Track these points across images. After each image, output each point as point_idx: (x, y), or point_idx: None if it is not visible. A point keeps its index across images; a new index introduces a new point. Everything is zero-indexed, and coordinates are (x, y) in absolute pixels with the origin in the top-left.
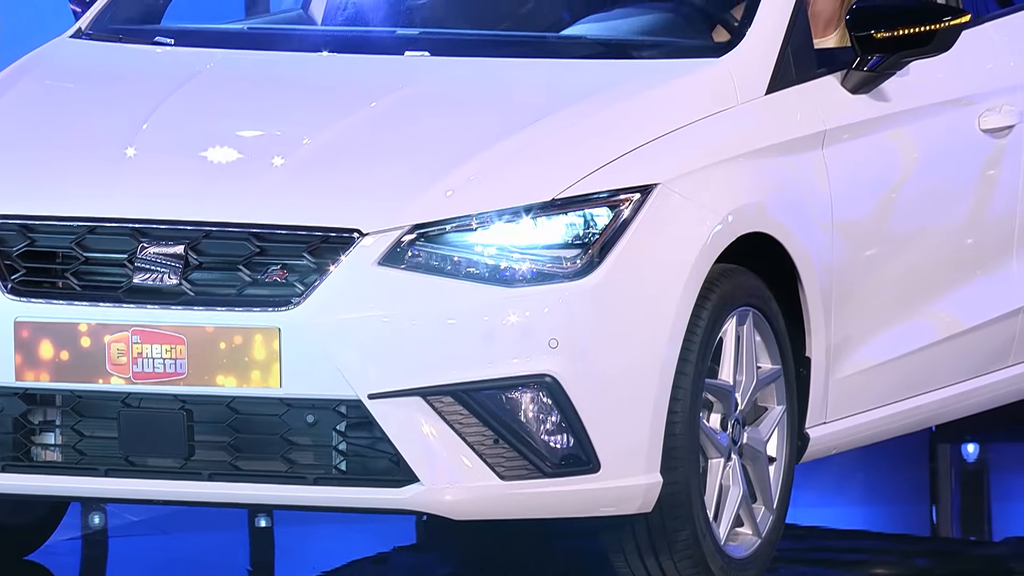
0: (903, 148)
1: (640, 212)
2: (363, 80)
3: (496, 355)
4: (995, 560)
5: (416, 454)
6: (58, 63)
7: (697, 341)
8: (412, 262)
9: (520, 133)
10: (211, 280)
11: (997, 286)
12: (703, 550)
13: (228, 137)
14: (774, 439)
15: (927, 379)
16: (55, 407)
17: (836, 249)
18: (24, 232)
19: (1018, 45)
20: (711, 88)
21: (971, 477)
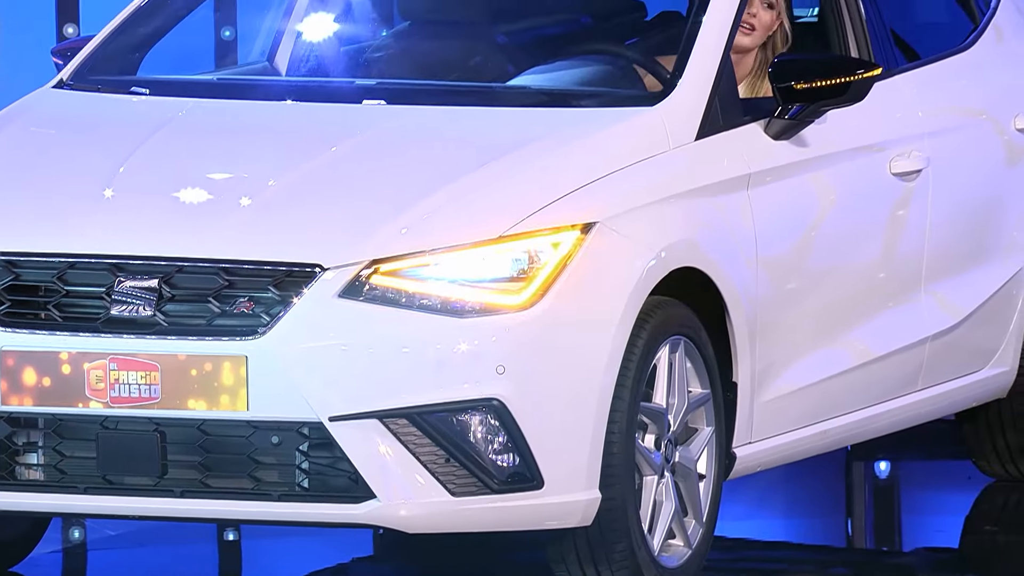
0: (821, 190)
1: (580, 248)
2: (324, 126)
3: (447, 380)
4: (905, 569)
5: (373, 472)
6: (42, 111)
7: (633, 367)
8: (370, 295)
9: (470, 175)
10: (183, 311)
11: (906, 317)
12: (638, 561)
13: (199, 179)
14: (704, 458)
15: (843, 402)
16: (38, 429)
17: (760, 283)
18: (9, 267)
19: (925, 96)
20: (645, 134)
21: (883, 492)
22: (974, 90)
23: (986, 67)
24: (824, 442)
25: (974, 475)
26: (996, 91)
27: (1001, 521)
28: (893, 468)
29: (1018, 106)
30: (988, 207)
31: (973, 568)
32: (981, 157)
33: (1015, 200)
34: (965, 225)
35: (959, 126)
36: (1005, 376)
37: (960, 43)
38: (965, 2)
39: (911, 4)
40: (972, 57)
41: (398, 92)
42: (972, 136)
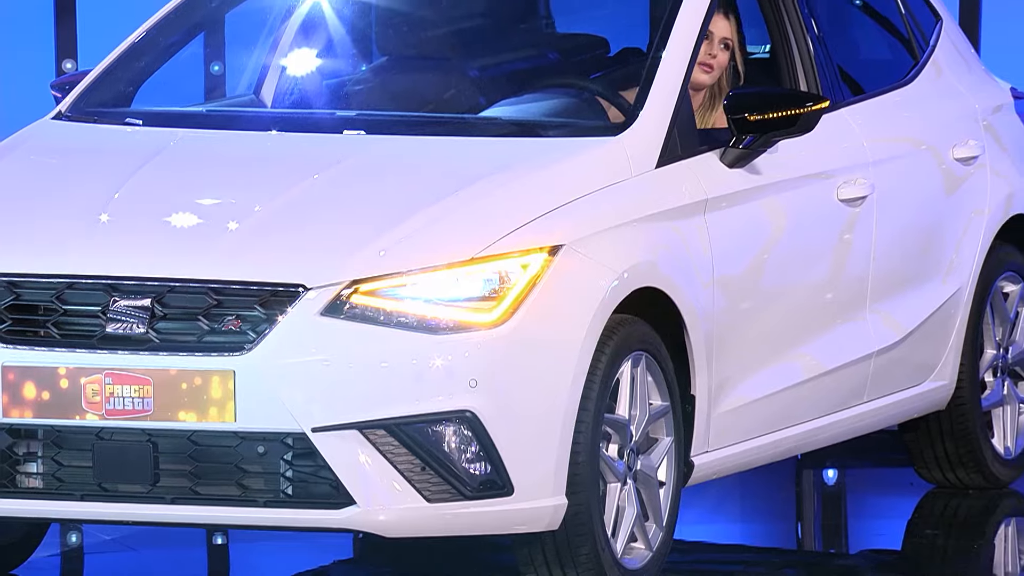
0: (773, 215)
1: (548, 269)
2: (307, 155)
3: (423, 393)
4: (851, 570)
5: (353, 480)
6: (41, 141)
7: (597, 381)
8: (350, 313)
9: (444, 200)
10: (174, 329)
11: (852, 334)
12: (602, 563)
13: (189, 204)
14: (664, 466)
15: (794, 414)
16: (37, 440)
17: (716, 302)
18: (10, 288)
19: (870, 127)
20: (609, 162)
21: (831, 498)
22: (915, 122)
23: (926, 101)
24: (776, 451)
25: (916, 482)
26: (935, 123)
27: (941, 525)
28: (840, 475)
29: (956, 137)
30: (929, 231)
31: (914, 569)
32: (922, 185)
33: (953, 225)
34: (907, 248)
35: (901, 155)
36: (944, 389)
37: (902, 78)
38: (906, 40)
39: (856, 41)
40: (913, 91)
41: (377, 123)
42: (913, 165)
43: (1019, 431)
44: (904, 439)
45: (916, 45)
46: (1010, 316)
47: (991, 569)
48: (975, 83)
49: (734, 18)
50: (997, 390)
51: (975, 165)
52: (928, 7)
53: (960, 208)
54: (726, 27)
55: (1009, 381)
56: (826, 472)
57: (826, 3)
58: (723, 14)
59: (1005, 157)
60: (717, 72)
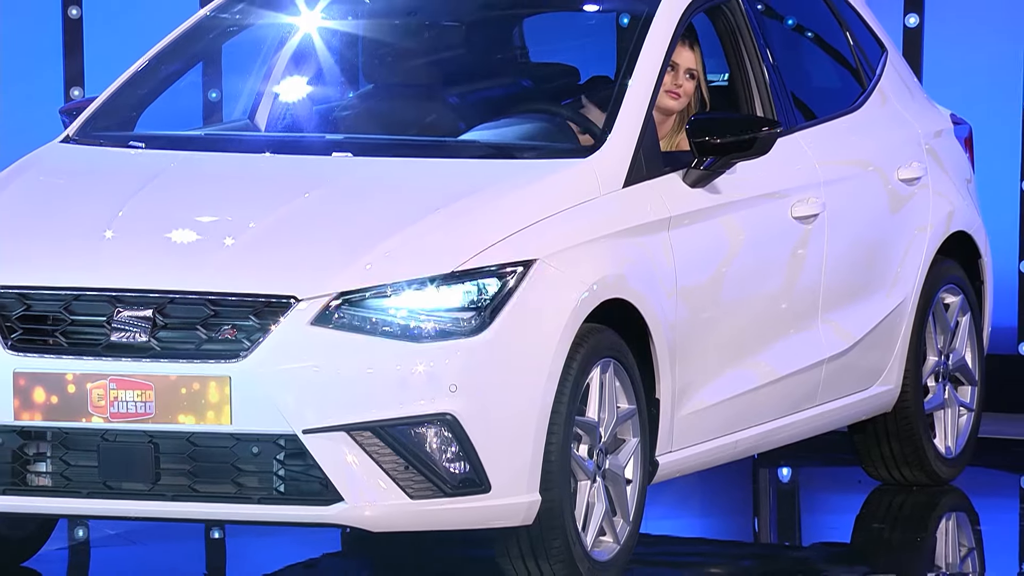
0: (732, 231)
1: (523, 282)
2: (298, 175)
3: (407, 398)
4: (804, 561)
5: (341, 478)
6: (51, 163)
7: (569, 386)
8: (338, 322)
9: (426, 218)
10: (174, 337)
11: (805, 342)
12: (573, 555)
13: (188, 221)
14: (631, 465)
15: (751, 416)
16: (46, 441)
17: (679, 312)
18: (21, 299)
19: (821, 150)
20: (579, 183)
21: (785, 495)
22: (863, 145)
23: (873, 125)
24: (735, 451)
25: (864, 479)
26: (882, 146)
27: (887, 519)
28: (794, 473)
29: (900, 159)
30: (876, 246)
31: (862, 560)
32: (869, 203)
33: (898, 241)
34: (856, 262)
35: (850, 176)
36: (890, 393)
37: (850, 105)
38: (854, 69)
39: (808, 70)
40: (861, 117)
41: (363, 146)
42: (861, 185)
43: (959, 432)
44: (853, 440)
45: (864, 74)
46: (951, 325)
47: (933, 560)
48: (918, 110)
49: (698, 49)
50: (939, 394)
51: (918, 185)
52: (874, 39)
53: (904, 225)
54: (691, 58)
55: (950, 386)
56: (781, 470)
57: (780, 34)
58: (688, 46)
59: (946, 178)
60: (684, 99)
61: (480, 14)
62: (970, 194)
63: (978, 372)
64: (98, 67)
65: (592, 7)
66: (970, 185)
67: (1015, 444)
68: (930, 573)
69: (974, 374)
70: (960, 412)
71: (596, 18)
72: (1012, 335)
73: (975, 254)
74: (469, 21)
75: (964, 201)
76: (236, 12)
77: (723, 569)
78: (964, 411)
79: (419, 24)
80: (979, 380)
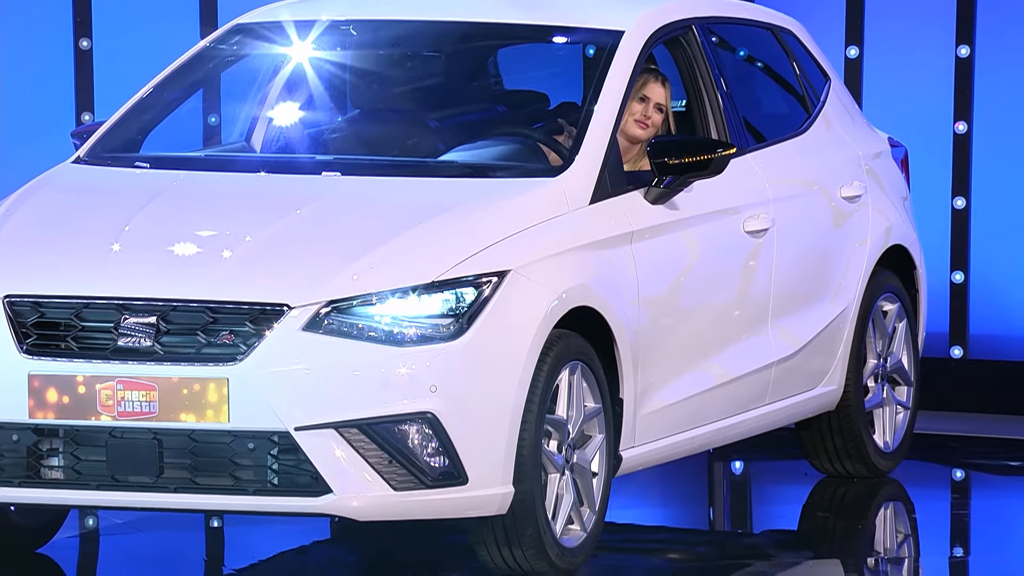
0: (689, 244)
1: (497, 291)
2: (290, 193)
3: (390, 397)
4: (756, 547)
5: (330, 471)
6: (63, 182)
7: (540, 386)
8: (327, 328)
9: (408, 232)
10: (176, 342)
11: (756, 346)
12: (544, 542)
13: (190, 235)
14: (597, 459)
15: (707, 414)
16: (59, 438)
17: (641, 318)
18: (36, 307)
19: (770, 170)
20: (549, 199)
21: (737, 486)
22: (808, 166)
23: (818, 148)
24: (692, 446)
25: (809, 472)
26: (825, 167)
27: (831, 509)
28: (746, 467)
29: (843, 179)
30: (820, 258)
31: (808, 546)
32: (815, 219)
33: (841, 253)
34: (803, 273)
35: (797, 194)
36: (833, 393)
37: (797, 129)
38: (800, 97)
39: (759, 97)
40: (807, 140)
41: (350, 165)
42: (807, 202)
43: (896, 429)
44: (799, 436)
45: (809, 101)
46: (889, 331)
47: (873, 545)
48: (859, 133)
49: (668, 86)
50: (878, 394)
51: (859, 203)
52: (819, 69)
53: (847, 239)
54: (661, 93)
55: (888, 386)
56: (734, 464)
57: (733, 64)
58: (660, 82)
59: (884, 196)
60: (652, 130)
61: (458, 45)
62: (906, 211)
63: (913, 373)
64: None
65: (561, 39)
66: (906, 202)
67: (947, 439)
68: (870, 557)
69: (910, 375)
70: (897, 410)
71: (565, 49)
72: (944, 340)
73: (911, 266)
74: (448, 52)
75: (901, 217)
76: (233, 43)
77: (681, 555)
78: (901, 409)
79: (402, 54)
80: (914, 381)
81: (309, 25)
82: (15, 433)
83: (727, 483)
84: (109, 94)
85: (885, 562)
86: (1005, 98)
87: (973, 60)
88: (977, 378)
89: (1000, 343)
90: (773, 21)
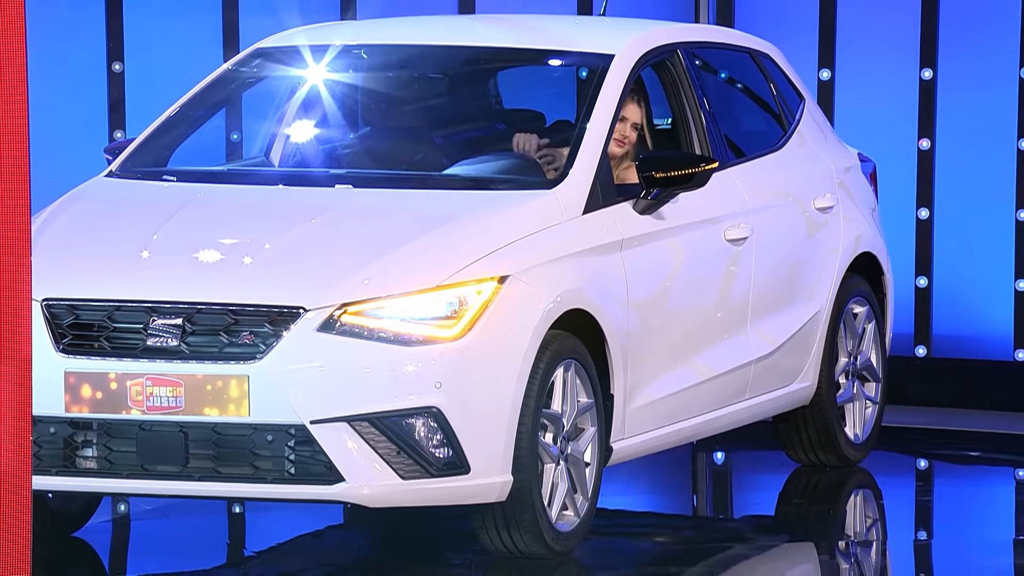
0: (675, 251)
1: (497, 294)
2: (306, 204)
3: (398, 393)
4: (736, 531)
5: (343, 461)
6: (96, 194)
7: (536, 383)
8: (340, 329)
9: (415, 240)
10: (201, 342)
11: (736, 345)
12: (540, 527)
13: (213, 243)
14: (589, 450)
15: (691, 408)
16: (92, 430)
17: (630, 320)
18: (71, 310)
19: (749, 183)
20: (545, 210)
21: (719, 475)
22: (784, 179)
23: (793, 162)
24: (677, 438)
25: (785, 462)
26: (800, 180)
27: (805, 495)
28: (727, 457)
29: (816, 191)
30: (795, 265)
31: (784, 530)
32: (790, 228)
33: (814, 260)
34: (779, 278)
35: (774, 205)
36: (808, 389)
37: (774, 145)
38: (777, 115)
39: (738, 116)
40: (783, 155)
41: (362, 179)
42: (783, 213)
43: (866, 422)
44: (776, 428)
45: (785, 119)
46: (858, 331)
47: (844, 529)
48: (831, 149)
49: (644, 105)
50: (848, 389)
51: (831, 213)
52: (794, 89)
53: (820, 247)
54: (638, 113)
55: (858, 382)
56: (716, 454)
57: (715, 85)
58: (636, 103)
59: (854, 207)
60: (627, 147)
61: (461, 68)
62: (875, 221)
63: (881, 371)
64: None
65: (556, 62)
66: (874, 213)
67: (912, 432)
68: (841, 541)
69: (878, 372)
70: (866, 405)
71: (559, 71)
72: (909, 340)
73: (879, 271)
74: (452, 74)
75: (870, 227)
76: (254, 66)
77: (667, 538)
78: (870, 404)
79: (409, 76)
80: (882, 377)
81: (323, 49)
82: (52, 426)
83: (709, 472)
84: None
85: (855, 545)
86: (965, 117)
87: (936, 82)
88: (940, 375)
89: (961, 343)
90: (752, 46)
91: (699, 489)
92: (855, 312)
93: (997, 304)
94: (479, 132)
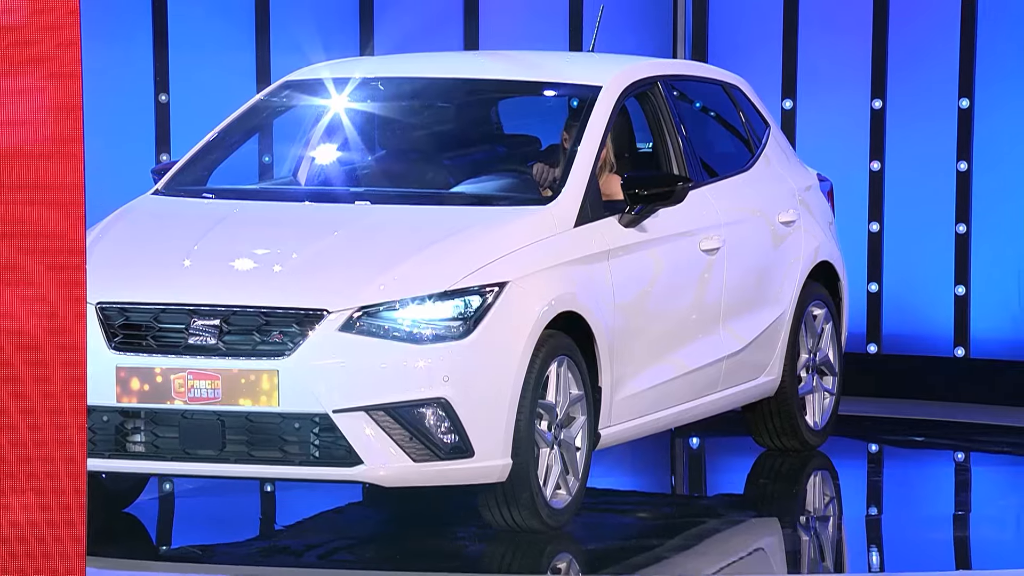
0: (656, 260)
1: (499, 298)
2: (329, 218)
3: (411, 386)
4: (709, 507)
5: (362, 446)
6: (144, 210)
7: (533, 377)
8: (360, 329)
9: (425, 250)
10: (236, 341)
11: (710, 343)
12: (537, 504)
13: (247, 253)
14: (580, 436)
15: (670, 399)
16: (140, 419)
17: (616, 321)
18: (122, 312)
19: (722, 200)
20: (541, 224)
21: (695, 458)
22: (753, 196)
23: (760, 182)
24: (658, 425)
25: (753, 446)
26: (766, 197)
27: (770, 476)
28: (701, 442)
29: (780, 207)
30: (762, 272)
31: (752, 507)
32: (758, 240)
33: (779, 268)
34: (748, 284)
35: (743, 220)
36: (773, 382)
37: (743, 166)
38: (745, 140)
39: (711, 140)
40: (751, 175)
41: (379, 196)
42: (752, 226)
43: (824, 411)
44: (745, 416)
45: (752, 144)
46: (817, 331)
47: (804, 506)
48: (793, 170)
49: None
50: (809, 382)
51: (793, 227)
52: (760, 117)
53: (784, 256)
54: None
55: (817, 376)
56: (692, 440)
57: (690, 113)
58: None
59: (813, 221)
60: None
61: (466, 98)
62: (832, 233)
63: (838, 365)
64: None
65: (550, 92)
66: (832, 227)
67: (865, 419)
68: (802, 515)
69: (835, 367)
70: (824, 396)
71: (553, 101)
72: (862, 338)
73: (836, 278)
74: (458, 103)
75: (827, 239)
76: (283, 96)
77: (649, 513)
78: (827, 395)
79: (420, 105)
80: (839, 372)
81: (345, 82)
82: (105, 415)
83: (686, 455)
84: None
85: (814, 519)
86: (911, 142)
87: (885, 111)
88: (889, 369)
89: (908, 341)
90: (723, 78)
91: (677, 470)
92: (815, 314)
93: (939, 307)
94: (482, 154)
